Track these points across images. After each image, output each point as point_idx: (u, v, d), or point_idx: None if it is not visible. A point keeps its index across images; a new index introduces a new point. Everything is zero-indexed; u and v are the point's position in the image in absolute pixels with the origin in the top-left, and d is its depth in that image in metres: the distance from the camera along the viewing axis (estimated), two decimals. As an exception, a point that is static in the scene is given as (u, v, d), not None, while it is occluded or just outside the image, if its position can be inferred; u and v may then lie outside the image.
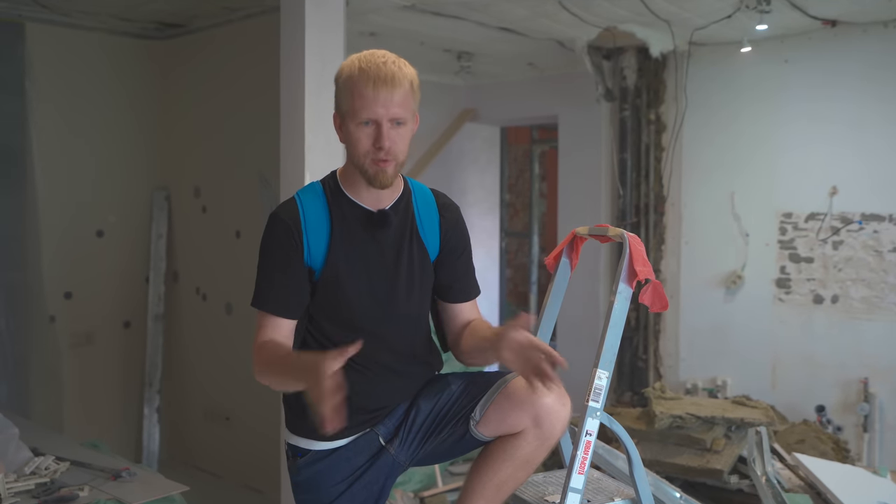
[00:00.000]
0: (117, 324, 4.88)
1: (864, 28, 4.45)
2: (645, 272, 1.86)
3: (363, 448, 1.89)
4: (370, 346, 1.79)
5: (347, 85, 1.78)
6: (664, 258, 5.28)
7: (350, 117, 1.77)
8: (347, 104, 1.78)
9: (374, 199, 1.86)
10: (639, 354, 5.29)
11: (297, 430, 1.92)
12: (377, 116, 1.75)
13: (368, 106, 1.74)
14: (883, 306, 4.47)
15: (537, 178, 7.65)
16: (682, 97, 5.10)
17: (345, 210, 1.85)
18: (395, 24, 4.43)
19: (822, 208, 4.66)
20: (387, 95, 1.74)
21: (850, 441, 4.42)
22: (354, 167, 1.82)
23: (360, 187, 1.85)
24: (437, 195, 2.00)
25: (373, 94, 1.74)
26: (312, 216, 1.83)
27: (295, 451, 1.92)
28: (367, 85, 1.74)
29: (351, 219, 1.85)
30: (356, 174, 1.83)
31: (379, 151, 1.75)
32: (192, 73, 4.85)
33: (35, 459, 2.97)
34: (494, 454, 1.83)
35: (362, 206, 1.86)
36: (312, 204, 1.85)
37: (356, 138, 1.77)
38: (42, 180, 4.50)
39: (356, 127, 1.77)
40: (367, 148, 1.76)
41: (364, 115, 1.75)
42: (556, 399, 1.78)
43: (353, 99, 1.76)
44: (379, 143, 1.75)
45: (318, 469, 1.89)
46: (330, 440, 1.88)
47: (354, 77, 1.77)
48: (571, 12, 4.21)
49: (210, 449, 4.79)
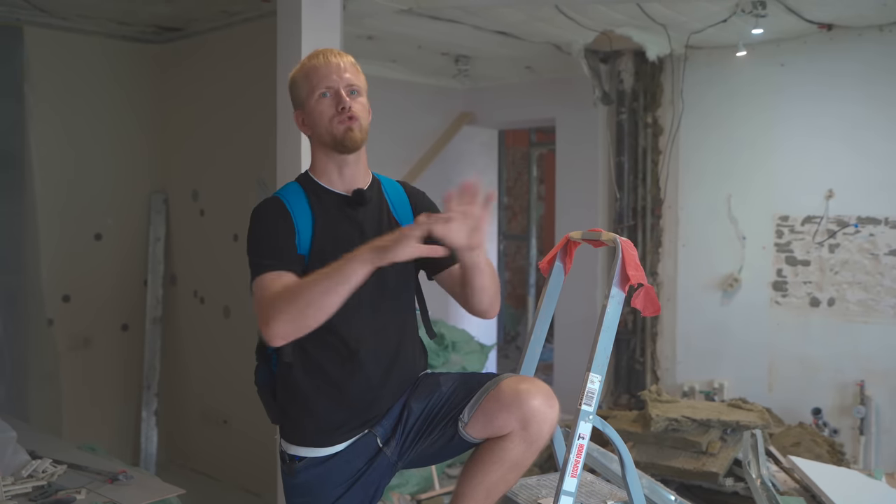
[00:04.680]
0: (115, 327, 4.89)
1: (859, 32, 4.46)
2: (637, 277, 1.87)
3: (362, 451, 1.90)
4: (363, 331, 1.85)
5: (300, 75, 1.94)
6: (661, 261, 5.29)
7: (309, 96, 1.90)
8: (305, 89, 1.91)
9: (348, 183, 1.94)
10: (636, 357, 5.30)
11: (293, 440, 1.92)
12: (333, 83, 1.88)
13: (323, 78, 1.88)
14: (879, 309, 4.48)
15: (535, 181, 7.66)
16: (678, 101, 5.12)
17: (322, 198, 1.92)
18: (392, 28, 4.44)
19: (818, 211, 4.68)
20: (337, 63, 1.90)
21: (846, 444, 4.42)
22: (323, 142, 1.91)
23: (332, 174, 1.94)
24: (403, 183, 2.09)
25: (325, 67, 1.89)
26: (296, 205, 1.89)
27: (292, 457, 1.92)
28: (318, 63, 1.91)
29: (329, 205, 1.91)
30: (326, 160, 1.93)
31: (343, 112, 1.87)
32: (189, 76, 4.86)
33: (32, 462, 2.97)
34: (483, 457, 1.84)
35: (337, 192, 1.94)
36: (293, 197, 1.92)
37: (319, 111, 1.89)
38: (40, 184, 4.51)
39: (317, 101, 1.89)
40: (332, 113, 1.88)
41: (322, 85, 1.88)
42: (544, 401, 1.78)
43: (309, 80, 1.90)
44: (341, 103, 1.87)
45: (317, 473, 1.89)
46: (329, 446, 1.88)
47: (305, 66, 1.93)
48: (568, 16, 4.23)
49: (207, 452, 4.80)
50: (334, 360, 1.86)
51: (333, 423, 1.87)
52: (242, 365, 4.43)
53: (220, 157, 4.65)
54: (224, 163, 4.63)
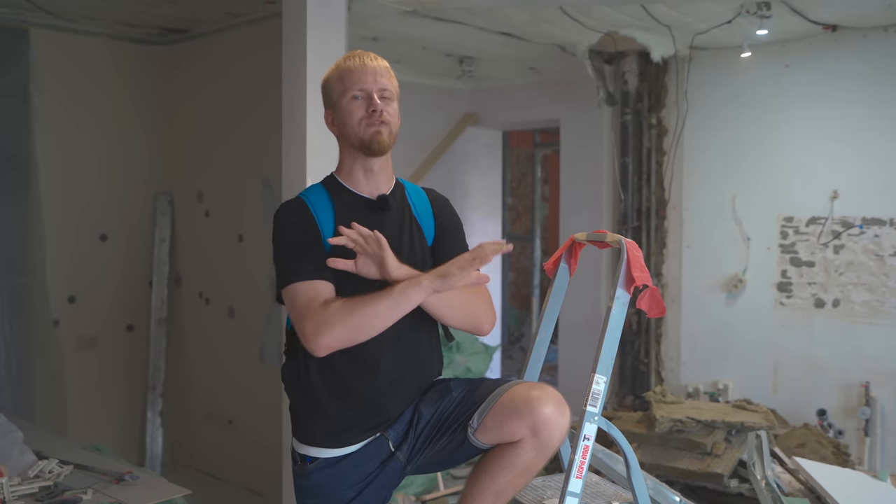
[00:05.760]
0: (121, 327, 4.91)
1: (864, 33, 4.46)
2: (642, 278, 1.87)
3: (374, 454, 1.90)
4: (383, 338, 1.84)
5: (334, 75, 1.95)
6: (665, 262, 5.29)
7: (341, 97, 1.92)
8: (337, 90, 1.93)
9: (373, 187, 1.96)
10: (640, 358, 5.30)
11: (305, 440, 1.92)
12: (366, 86, 1.90)
13: (357, 79, 1.90)
14: (884, 310, 4.47)
15: (539, 182, 7.67)
16: (683, 101, 5.11)
17: (345, 200, 1.94)
18: (396, 29, 4.45)
19: (823, 212, 4.67)
20: (372, 68, 1.92)
21: (851, 445, 4.42)
22: (351, 143, 1.92)
23: (358, 177, 1.95)
24: (427, 190, 2.10)
25: (360, 69, 1.91)
26: (319, 207, 1.90)
27: (304, 457, 1.92)
28: (353, 62, 1.93)
29: (352, 207, 1.92)
30: (351, 163, 1.95)
31: (373, 115, 1.88)
32: (195, 78, 4.87)
33: (38, 463, 2.98)
34: (493, 462, 1.83)
35: (362, 195, 1.95)
36: (316, 198, 1.93)
37: (349, 111, 1.91)
38: (46, 185, 4.52)
39: (348, 102, 1.91)
40: (362, 115, 1.90)
41: (355, 87, 1.90)
42: (555, 409, 1.77)
43: (342, 82, 1.92)
44: (372, 106, 1.89)
45: (328, 475, 1.88)
46: (341, 447, 1.88)
47: (340, 66, 1.95)
48: (572, 17, 4.23)
49: (212, 452, 4.81)
50: (351, 365, 1.85)
51: (345, 424, 1.87)
52: (247, 366, 4.47)
53: (226, 158, 4.66)
54: (229, 164, 4.64)
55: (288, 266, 1.84)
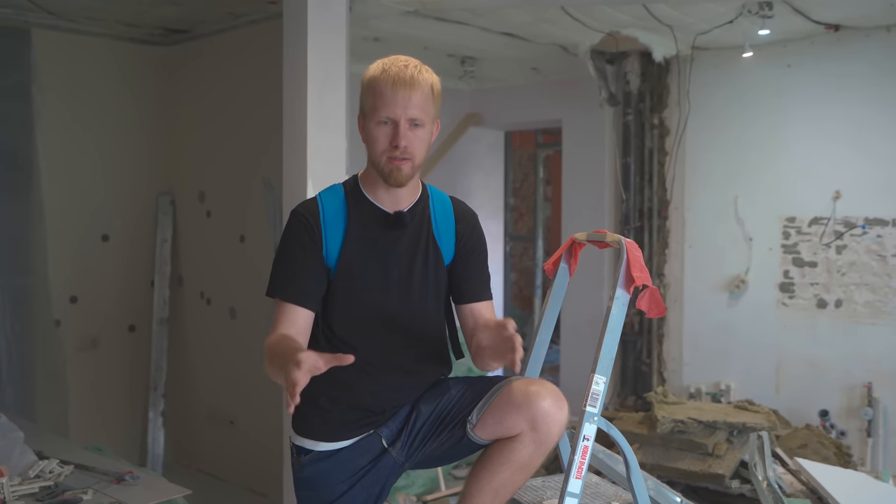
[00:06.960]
0: (122, 328, 4.91)
1: (867, 32, 4.45)
2: (642, 278, 1.87)
3: (366, 450, 1.92)
4: (381, 346, 1.88)
5: (370, 85, 1.86)
6: (668, 262, 5.28)
7: (370, 116, 1.85)
8: (369, 104, 1.86)
9: (392, 200, 1.93)
10: (642, 358, 5.29)
11: (301, 431, 1.95)
12: (395, 116, 1.82)
13: (387, 105, 1.82)
14: (887, 311, 4.46)
15: (541, 182, 7.66)
16: (685, 101, 5.11)
17: (363, 210, 1.92)
18: (398, 30, 4.45)
19: (825, 213, 4.66)
20: (405, 96, 1.81)
21: (853, 446, 4.41)
22: (372, 166, 1.90)
23: (379, 188, 1.92)
24: (455, 202, 2.05)
25: (392, 94, 1.81)
26: (331, 214, 1.90)
27: (299, 449, 1.95)
28: (387, 85, 1.82)
29: (368, 218, 1.91)
30: (375, 175, 1.90)
31: (395, 150, 1.83)
32: (196, 78, 4.87)
33: (39, 463, 2.98)
34: (492, 458, 1.84)
35: (380, 207, 1.93)
36: (332, 203, 1.92)
37: (374, 137, 1.85)
38: (48, 185, 4.52)
39: (375, 126, 1.85)
40: (385, 146, 1.84)
41: (383, 113, 1.83)
42: (553, 403, 1.78)
43: (374, 98, 1.84)
44: (395, 141, 1.82)
45: (320, 468, 1.92)
46: (333, 441, 1.91)
47: (377, 77, 1.85)
48: (574, 17, 4.23)
49: (214, 452, 4.81)
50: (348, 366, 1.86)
51: (339, 418, 1.90)
52: (249, 366, 4.47)
53: (227, 158, 4.66)
54: (231, 164, 4.64)
55: (275, 276, 1.90)
